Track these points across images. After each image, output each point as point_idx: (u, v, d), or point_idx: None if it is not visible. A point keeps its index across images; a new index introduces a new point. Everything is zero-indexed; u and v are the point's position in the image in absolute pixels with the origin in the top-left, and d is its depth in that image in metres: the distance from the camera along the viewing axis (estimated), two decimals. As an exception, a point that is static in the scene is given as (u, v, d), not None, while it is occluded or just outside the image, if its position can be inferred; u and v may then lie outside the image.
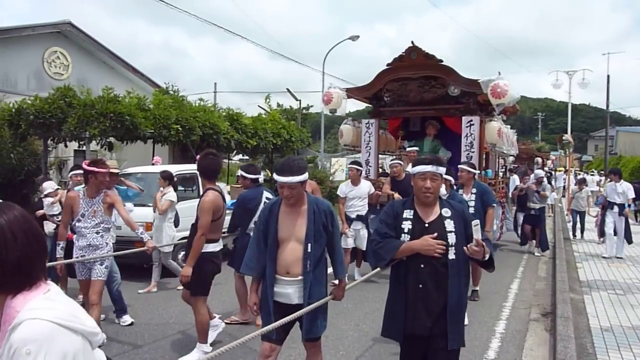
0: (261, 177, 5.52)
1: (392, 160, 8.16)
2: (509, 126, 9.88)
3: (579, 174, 25.03)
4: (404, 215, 2.92)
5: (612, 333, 5.03)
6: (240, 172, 5.58)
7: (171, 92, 12.84)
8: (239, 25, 28.33)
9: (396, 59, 9.16)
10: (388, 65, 9.19)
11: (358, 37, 22.70)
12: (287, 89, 21.23)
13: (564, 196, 19.69)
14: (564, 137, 18.24)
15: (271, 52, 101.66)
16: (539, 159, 23.57)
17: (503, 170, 13.17)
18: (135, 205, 7.38)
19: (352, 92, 9.78)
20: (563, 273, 7.57)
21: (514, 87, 8.01)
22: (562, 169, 20.86)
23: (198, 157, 4.46)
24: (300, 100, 22.90)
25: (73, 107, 9.19)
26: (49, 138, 10.25)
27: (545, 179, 10.61)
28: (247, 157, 17.51)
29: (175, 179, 7.22)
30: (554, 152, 35.53)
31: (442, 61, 8.86)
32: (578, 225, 11.69)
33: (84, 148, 9.99)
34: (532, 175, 10.64)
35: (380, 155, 10.13)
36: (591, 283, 7.27)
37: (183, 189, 8.17)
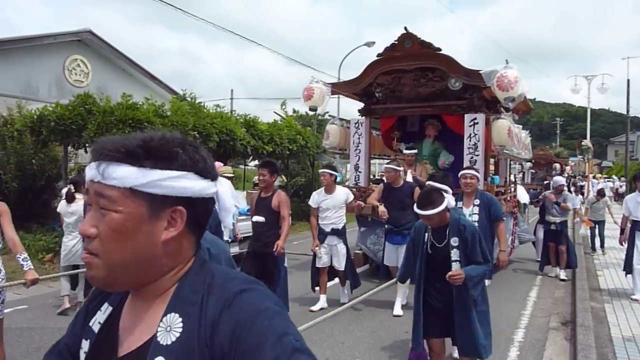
0: None
1: (387, 164, 6.87)
2: (520, 126, 8.78)
3: (598, 180, 24.63)
4: None
5: (634, 343, 4.93)
6: None
7: (188, 98, 12.98)
8: (254, 31, 28.75)
9: (388, 48, 7.98)
10: (379, 55, 8.06)
11: (374, 43, 22.71)
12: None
13: (582, 202, 19.40)
14: (583, 143, 18.02)
15: (287, 58, 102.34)
16: (558, 165, 23.28)
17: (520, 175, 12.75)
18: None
19: (338, 88, 8.83)
20: (583, 281, 7.44)
21: (523, 79, 6.71)
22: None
23: None
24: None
25: (93, 114, 9.35)
26: (69, 144, 10.43)
27: (566, 188, 9.21)
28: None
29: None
30: (573, 157, 35.05)
31: (440, 50, 7.77)
32: (597, 236, 10.57)
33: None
34: (550, 184, 9.52)
35: (379, 160, 8.96)
36: (612, 291, 7.13)
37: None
